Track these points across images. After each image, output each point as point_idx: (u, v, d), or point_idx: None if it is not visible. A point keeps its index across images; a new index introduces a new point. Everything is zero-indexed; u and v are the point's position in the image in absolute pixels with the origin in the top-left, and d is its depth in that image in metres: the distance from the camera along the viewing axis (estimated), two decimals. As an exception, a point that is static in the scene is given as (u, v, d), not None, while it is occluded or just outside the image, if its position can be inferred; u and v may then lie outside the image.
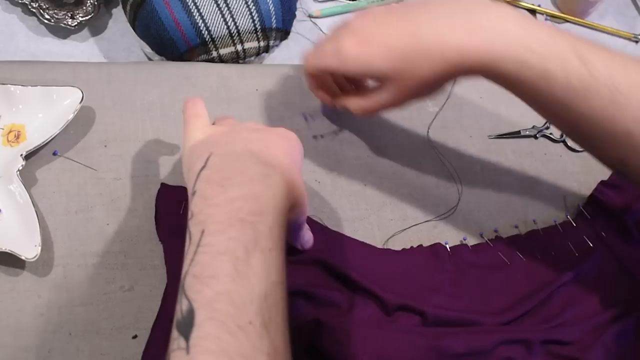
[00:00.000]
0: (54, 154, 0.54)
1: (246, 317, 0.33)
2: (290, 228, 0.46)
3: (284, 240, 0.38)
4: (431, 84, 0.45)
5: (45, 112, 0.54)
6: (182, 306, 0.34)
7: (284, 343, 0.35)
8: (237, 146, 0.41)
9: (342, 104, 0.52)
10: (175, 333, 0.33)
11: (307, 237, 0.50)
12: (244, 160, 0.39)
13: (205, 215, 0.37)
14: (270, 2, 0.61)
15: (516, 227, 0.58)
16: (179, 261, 0.49)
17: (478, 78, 0.44)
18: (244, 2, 0.60)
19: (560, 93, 0.41)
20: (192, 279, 0.35)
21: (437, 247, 0.55)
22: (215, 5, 0.59)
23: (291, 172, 0.41)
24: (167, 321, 0.46)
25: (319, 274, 0.51)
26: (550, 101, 0.42)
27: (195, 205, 0.38)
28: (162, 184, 0.54)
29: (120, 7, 0.66)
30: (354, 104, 0.51)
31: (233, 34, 0.61)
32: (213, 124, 0.48)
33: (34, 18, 0.66)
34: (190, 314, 0.33)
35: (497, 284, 0.53)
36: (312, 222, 0.54)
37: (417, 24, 0.44)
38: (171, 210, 0.52)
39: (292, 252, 0.51)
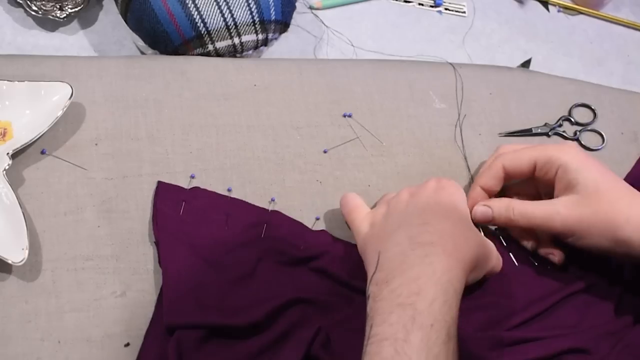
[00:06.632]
0: (42, 152, 0.54)
1: None
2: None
3: (452, 311, 0.42)
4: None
5: (32, 108, 0.54)
6: None
7: None
8: (398, 236, 0.46)
9: (502, 204, 0.52)
10: None
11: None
12: (404, 250, 0.45)
13: (373, 312, 0.43)
14: (269, -7, 0.62)
15: None
16: (175, 265, 0.49)
17: None
18: (241, -7, 0.60)
19: None
20: None
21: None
22: (211, -4, 0.60)
23: (457, 238, 0.46)
24: (161, 328, 0.47)
25: (320, 281, 0.51)
26: None
27: (368, 306, 0.44)
28: (160, 182, 0.54)
29: (111, -2, 0.66)
30: (519, 206, 0.51)
31: (230, 27, 0.60)
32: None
33: (21, 10, 0.67)
34: None
35: (503, 287, 0.52)
36: (319, 232, 0.54)
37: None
38: (170, 211, 0.52)
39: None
